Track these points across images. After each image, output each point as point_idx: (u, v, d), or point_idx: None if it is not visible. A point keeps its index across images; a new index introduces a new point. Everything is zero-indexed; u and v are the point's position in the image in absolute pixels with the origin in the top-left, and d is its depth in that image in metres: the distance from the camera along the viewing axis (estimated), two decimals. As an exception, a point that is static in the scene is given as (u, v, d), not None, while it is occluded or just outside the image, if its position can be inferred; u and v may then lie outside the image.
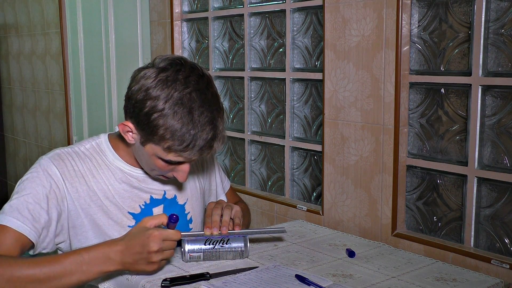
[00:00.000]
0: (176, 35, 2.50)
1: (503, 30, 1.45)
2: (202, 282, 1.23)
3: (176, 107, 1.20)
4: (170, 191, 1.45)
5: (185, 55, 2.54)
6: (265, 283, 1.21)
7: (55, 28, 3.58)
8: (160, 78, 1.22)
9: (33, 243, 1.29)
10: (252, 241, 1.54)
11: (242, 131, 2.29)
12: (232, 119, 2.37)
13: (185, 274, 1.27)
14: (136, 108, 1.24)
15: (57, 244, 1.36)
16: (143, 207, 1.41)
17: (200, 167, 1.57)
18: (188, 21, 2.51)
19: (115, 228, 1.37)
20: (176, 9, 2.49)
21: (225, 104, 2.40)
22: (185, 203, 1.48)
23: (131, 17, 2.89)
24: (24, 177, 1.34)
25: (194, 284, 1.23)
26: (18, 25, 4.06)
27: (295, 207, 2.00)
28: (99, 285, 1.33)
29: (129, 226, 1.38)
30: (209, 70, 2.40)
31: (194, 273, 1.27)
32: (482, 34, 1.46)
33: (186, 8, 2.50)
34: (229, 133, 2.36)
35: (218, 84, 2.41)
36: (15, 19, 4.10)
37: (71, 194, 1.33)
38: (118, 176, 1.39)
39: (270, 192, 2.21)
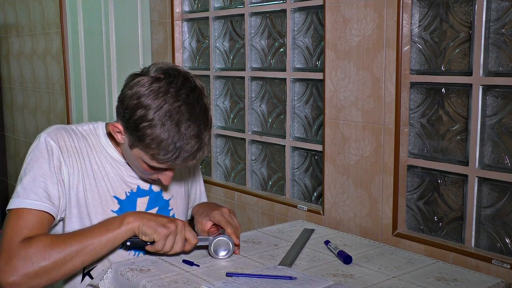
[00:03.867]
0: (176, 35, 2.50)
1: (503, 30, 1.45)
2: (203, 282, 1.23)
3: (165, 119, 1.26)
4: (156, 185, 1.50)
5: (186, 55, 2.54)
6: (265, 283, 1.21)
7: (56, 28, 3.58)
8: (152, 88, 1.27)
9: (54, 217, 1.36)
10: (252, 241, 1.54)
11: (243, 131, 2.29)
12: (233, 119, 2.37)
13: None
14: (127, 114, 1.30)
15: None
16: (128, 194, 1.46)
17: (187, 173, 1.62)
18: (189, 21, 2.51)
19: (97, 210, 1.42)
20: (177, 9, 2.49)
21: (226, 104, 2.40)
22: (169, 199, 1.52)
23: (132, 17, 2.89)
24: (28, 157, 1.39)
25: (184, 278, 1.23)
26: (19, 25, 4.06)
27: (295, 207, 2.00)
28: (99, 285, 1.33)
29: (112, 211, 1.43)
30: (209, 70, 2.40)
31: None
32: (483, 33, 1.46)
33: (186, 8, 2.50)
34: (230, 133, 2.36)
35: (218, 84, 2.41)
36: (15, 19, 4.10)
37: (68, 167, 1.39)
38: (109, 161, 1.45)
39: (271, 192, 2.21)
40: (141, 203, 1.47)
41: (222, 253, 1.38)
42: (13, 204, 1.33)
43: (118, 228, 1.32)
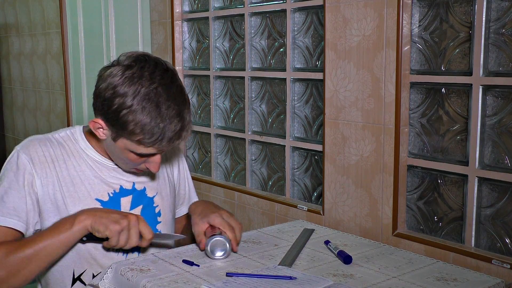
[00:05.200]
0: (176, 35, 2.50)
1: (503, 30, 1.45)
2: (203, 282, 1.23)
3: (144, 103, 1.26)
4: (139, 183, 1.50)
5: (186, 55, 2.54)
6: (265, 283, 1.21)
7: (56, 28, 3.58)
8: (126, 75, 1.27)
9: (21, 231, 1.37)
10: (252, 241, 1.54)
11: (243, 131, 2.29)
12: (233, 119, 2.37)
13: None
14: (105, 106, 1.29)
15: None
16: (111, 195, 1.45)
17: (172, 170, 1.62)
18: (189, 21, 2.51)
19: None
20: (177, 9, 2.49)
21: (226, 104, 2.40)
22: (154, 196, 1.51)
23: (132, 17, 2.89)
24: (1, 171, 1.41)
25: (184, 278, 1.23)
26: (19, 25, 4.06)
27: (295, 207, 2.00)
28: (99, 285, 1.33)
29: None
30: (209, 70, 2.40)
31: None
32: (483, 33, 1.46)
33: (186, 8, 2.50)
34: (230, 133, 2.36)
35: (218, 84, 2.41)
36: (15, 19, 4.10)
37: (41, 178, 1.38)
38: (89, 164, 1.44)
39: (271, 192, 2.21)
40: (125, 203, 1.47)
41: (219, 254, 1.38)
42: None
43: (70, 228, 1.31)
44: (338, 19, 1.77)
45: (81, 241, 1.36)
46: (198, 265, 1.33)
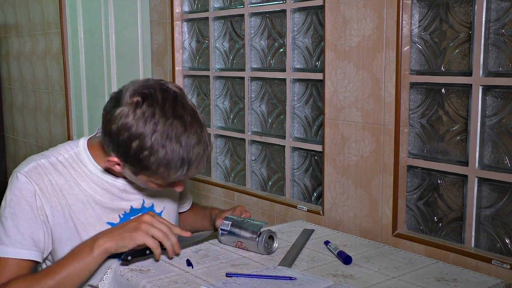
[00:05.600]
0: (176, 35, 2.50)
1: (503, 30, 1.45)
2: (203, 283, 1.23)
3: (163, 141, 1.21)
4: (148, 199, 1.47)
5: (186, 55, 2.54)
6: (265, 284, 1.21)
7: (56, 28, 3.58)
8: (137, 115, 1.21)
9: (39, 261, 1.35)
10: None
11: (243, 131, 2.29)
12: (233, 119, 2.37)
13: (145, 250, 1.32)
14: (122, 148, 1.24)
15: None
16: (122, 216, 1.42)
17: None
18: (189, 21, 2.51)
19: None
20: (177, 9, 2.49)
21: (226, 104, 2.40)
22: (161, 211, 1.51)
23: (132, 17, 2.89)
24: (7, 197, 1.34)
25: (184, 278, 1.23)
26: (19, 25, 4.06)
27: (295, 207, 2.00)
28: (99, 285, 1.33)
29: None
30: (209, 70, 2.40)
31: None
32: (483, 34, 1.46)
33: (186, 8, 2.50)
34: (229, 133, 2.36)
35: (218, 84, 2.41)
36: (15, 19, 4.10)
37: (50, 208, 1.34)
38: (98, 186, 1.39)
39: (271, 192, 2.20)
40: None
41: (275, 245, 1.44)
42: None
43: (90, 254, 1.28)
44: (338, 19, 1.77)
45: (126, 261, 1.31)
46: (192, 266, 1.33)
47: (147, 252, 1.32)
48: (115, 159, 1.28)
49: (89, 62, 3.37)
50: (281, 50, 2.11)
